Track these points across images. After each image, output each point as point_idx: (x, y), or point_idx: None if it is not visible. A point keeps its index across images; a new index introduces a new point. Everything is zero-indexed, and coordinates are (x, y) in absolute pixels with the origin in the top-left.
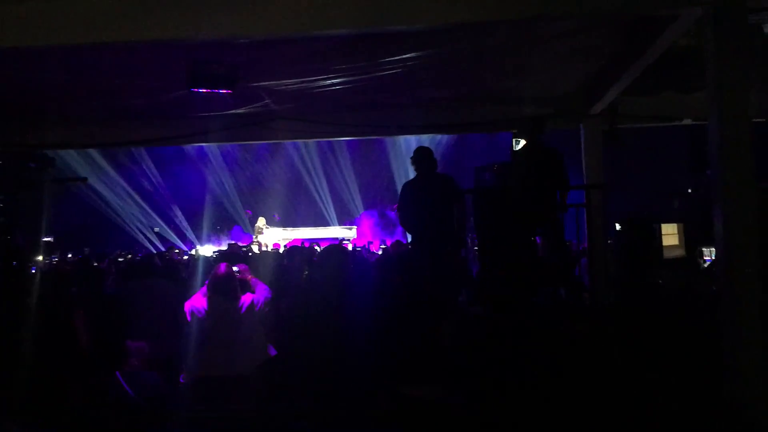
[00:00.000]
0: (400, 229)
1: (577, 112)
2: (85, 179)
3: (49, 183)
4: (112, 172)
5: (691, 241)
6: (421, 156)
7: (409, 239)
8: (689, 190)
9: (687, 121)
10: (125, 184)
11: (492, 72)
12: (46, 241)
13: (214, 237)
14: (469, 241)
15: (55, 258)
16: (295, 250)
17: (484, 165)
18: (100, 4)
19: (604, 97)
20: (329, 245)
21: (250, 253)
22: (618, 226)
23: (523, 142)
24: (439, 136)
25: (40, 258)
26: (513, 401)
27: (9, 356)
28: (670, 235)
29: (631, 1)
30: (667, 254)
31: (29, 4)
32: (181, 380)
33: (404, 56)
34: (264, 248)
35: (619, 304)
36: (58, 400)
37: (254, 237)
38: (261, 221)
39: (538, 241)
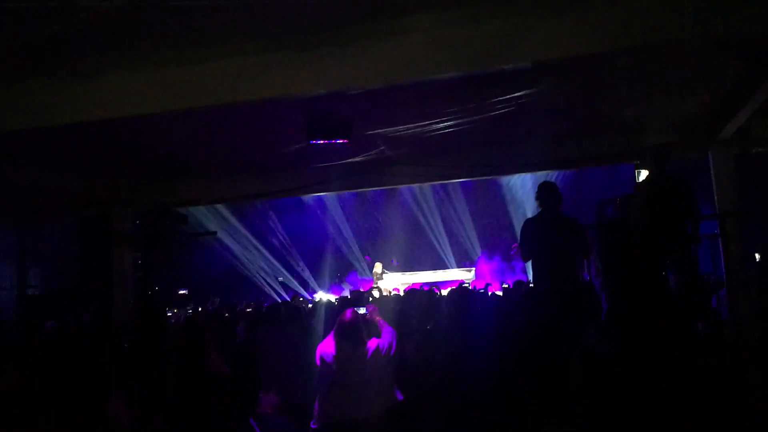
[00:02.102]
0: (519, 270)
1: (704, 137)
2: (214, 233)
3: (182, 238)
4: (238, 225)
5: None
6: (546, 191)
7: (530, 277)
8: None
9: None
10: (250, 236)
11: (609, 102)
12: (181, 293)
13: (334, 285)
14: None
15: (189, 309)
16: (414, 293)
17: (605, 199)
18: (218, 68)
19: (734, 120)
20: (453, 289)
21: (370, 299)
22: (758, 257)
23: (645, 173)
24: (555, 171)
25: (176, 310)
26: None
27: (150, 400)
28: None
29: (760, 23)
30: None
31: (155, 73)
32: (312, 425)
33: (516, 94)
34: (384, 293)
35: (765, 339)
36: None
37: (374, 282)
38: (378, 267)
39: (670, 275)
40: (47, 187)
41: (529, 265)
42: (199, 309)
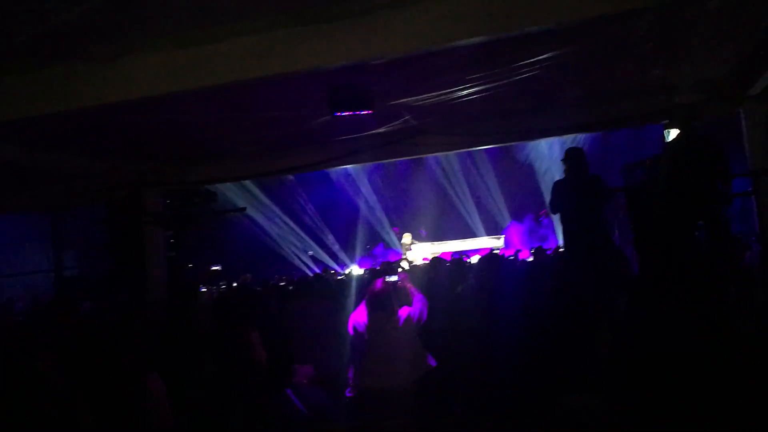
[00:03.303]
0: (549, 231)
1: (734, 95)
2: (243, 209)
3: (212, 215)
4: (267, 201)
5: None
6: (573, 156)
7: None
8: None
9: None
10: (279, 211)
11: (635, 63)
12: (214, 269)
13: (362, 258)
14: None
15: (223, 285)
16: (440, 261)
17: (634, 161)
18: (239, 44)
19: (764, 76)
20: (482, 256)
21: (399, 270)
22: None
23: (674, 133)
24: (581, 135)
25: (211, 286)
26: (682, 413)
27: (186, 375)
28: None
29: None
30: None
31: (176, 53)
32: (347, 394)
33: (540, 57)
34: (413, 263)
35: None
36: (237, 415)
37: (403, 253)
38: (406, 237)
39: (701, 236)
40: (78, 172)
41: (559, 227)
42: (234, 285)
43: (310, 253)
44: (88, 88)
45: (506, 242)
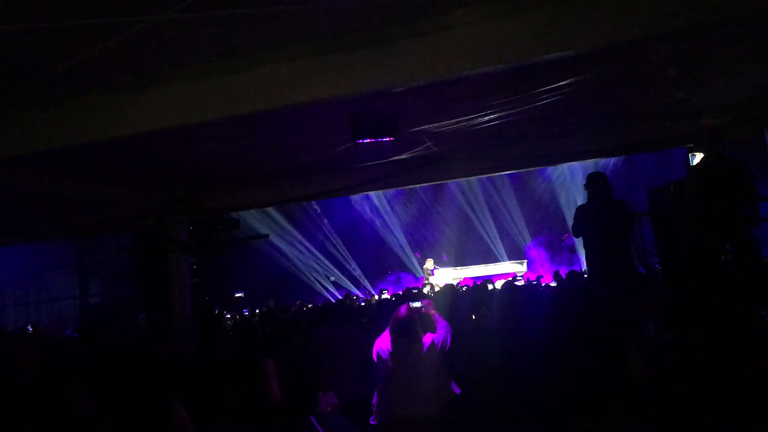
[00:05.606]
0: (575, 258)
1: (759, 117)
2: (266, 236)
3: (236, 242)
4: (289, 227)
5: None
6: (595, 182)
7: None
8: None
9: None
10: (301, 237)
11: (658, 87)
12: (237, 296)
13: (381, 283)
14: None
15: (246, 311)
16: (452, 289)
17: (658, 185)
18: (263, 74)
19: None
20: (505, 282)
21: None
22: None
23: (699, 156)
24: (604, 159)
25: (234, 313)
26: None
27: (208, 403)
28: None
29: None
30: None
31: (200, 83)
32: (371, 422)
33: (562, 83)
34: (436, 289)
35: None
36: None
37: (425, 279)
38: (429, 263)
39: (730, 260)
40: (104, 201)
41: (581, 247)
42: (257, 311)
43: (332, 278)
44: (117, 119)
45: (528, 265)
